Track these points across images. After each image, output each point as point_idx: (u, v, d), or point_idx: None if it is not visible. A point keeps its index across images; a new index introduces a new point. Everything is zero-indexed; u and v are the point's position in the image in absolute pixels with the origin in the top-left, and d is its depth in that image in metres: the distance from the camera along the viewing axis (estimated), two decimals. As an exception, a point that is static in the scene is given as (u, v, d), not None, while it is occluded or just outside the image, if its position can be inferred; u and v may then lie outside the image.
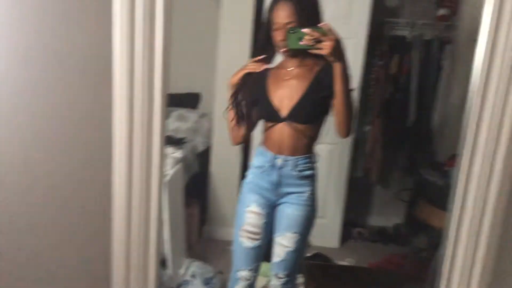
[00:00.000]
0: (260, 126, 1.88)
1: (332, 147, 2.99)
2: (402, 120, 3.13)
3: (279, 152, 1.75)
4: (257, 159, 1.82)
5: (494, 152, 1.27)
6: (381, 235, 3.29)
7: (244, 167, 2.85)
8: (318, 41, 1.51)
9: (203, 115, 3.39)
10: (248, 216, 1.81)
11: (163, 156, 1.35)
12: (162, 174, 1.36)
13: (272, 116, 1.74)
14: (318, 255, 2.80)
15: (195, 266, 2.45)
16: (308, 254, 2.77)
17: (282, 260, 1.80)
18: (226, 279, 2.18)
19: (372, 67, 3.11)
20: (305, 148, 1.77)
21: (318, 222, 2.99)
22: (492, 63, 1.22)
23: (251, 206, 1.81)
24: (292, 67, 1.73)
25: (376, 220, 3.43)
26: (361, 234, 3.29)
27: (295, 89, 1.72)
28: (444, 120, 3.08)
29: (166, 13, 1.22)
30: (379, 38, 3.08)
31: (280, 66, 1.78)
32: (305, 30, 1.52)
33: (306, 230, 1.82)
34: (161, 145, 1.32)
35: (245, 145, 2.86)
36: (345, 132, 1.69)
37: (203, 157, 3.08)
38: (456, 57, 2.99)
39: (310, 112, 1.72)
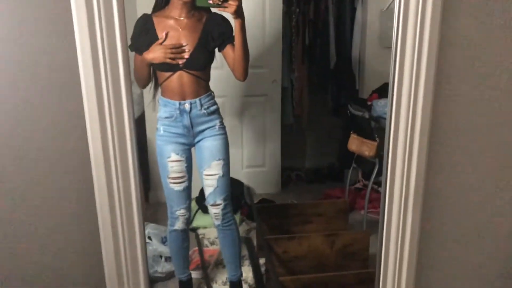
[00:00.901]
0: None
1: (263, 99, 3.08)
2: (325, 64, 3.28)
3: (183, 98, 1.92)
4: (164, 110, 1.96)
5: (416, 84, 1.42)
6: (318, 175, 3.50)
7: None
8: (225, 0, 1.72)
9: (131, 82, 3.30)
10: (171, 165, 1.99)
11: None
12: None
13: (170, 66, 1.87)
14: (263, 200, 2.96)
15: (150, 228, 2.49)
16: (254, 201, 2.90)
17: (215, 188, 1.99)
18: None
19: (291, 15, 3.19)
20: (204, 88, 1.95)
21: (259, 170, 3.16)
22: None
23: (171, 156, 1.98)
24: (182, 17, 1.87)
25: (312, 162, 3.62)
26: (299, 177, 3.49)
27: (188, 39, 1.88)
28: (362, 59, 3.26)
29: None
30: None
31: (167, 15, 1.89)
32: None
33: (227, 156, 2.01)
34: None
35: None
36: (244, 76, 1.95)
37: (138, 123, 3.03)
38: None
39: (205, 59, 1.92)
